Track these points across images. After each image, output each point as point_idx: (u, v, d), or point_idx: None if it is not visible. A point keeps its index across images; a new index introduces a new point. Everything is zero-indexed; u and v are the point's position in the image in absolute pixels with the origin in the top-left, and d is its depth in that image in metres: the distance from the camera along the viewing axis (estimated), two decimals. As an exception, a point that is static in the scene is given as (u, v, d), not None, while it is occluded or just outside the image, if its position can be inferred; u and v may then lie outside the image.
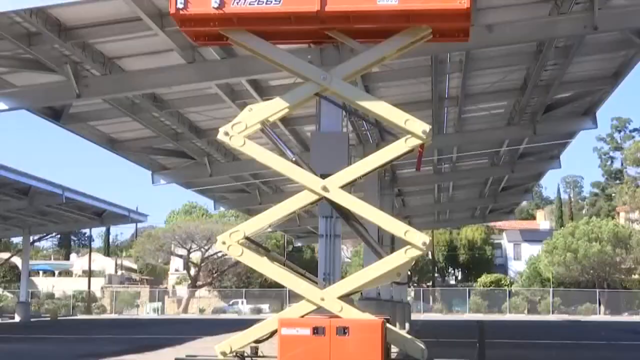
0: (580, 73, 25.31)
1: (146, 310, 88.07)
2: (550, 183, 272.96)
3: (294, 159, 12.11)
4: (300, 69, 12.58)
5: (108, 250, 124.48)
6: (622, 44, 22.17)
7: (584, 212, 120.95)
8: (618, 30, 20.44)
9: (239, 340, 11.20)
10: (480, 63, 22.74)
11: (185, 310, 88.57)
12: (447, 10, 11.90)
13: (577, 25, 18.81)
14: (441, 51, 19.93)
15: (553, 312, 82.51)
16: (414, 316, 57.43)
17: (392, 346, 11.68)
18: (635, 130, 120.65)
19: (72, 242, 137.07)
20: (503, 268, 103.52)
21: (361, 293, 26.67)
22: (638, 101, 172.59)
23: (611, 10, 18.69)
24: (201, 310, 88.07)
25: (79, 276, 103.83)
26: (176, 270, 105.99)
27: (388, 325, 11.45)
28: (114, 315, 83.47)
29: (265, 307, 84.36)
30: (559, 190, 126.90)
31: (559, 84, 24.77)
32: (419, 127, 11.81)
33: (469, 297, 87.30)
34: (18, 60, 18.87)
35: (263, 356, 11.50)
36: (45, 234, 69.03)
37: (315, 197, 11.92)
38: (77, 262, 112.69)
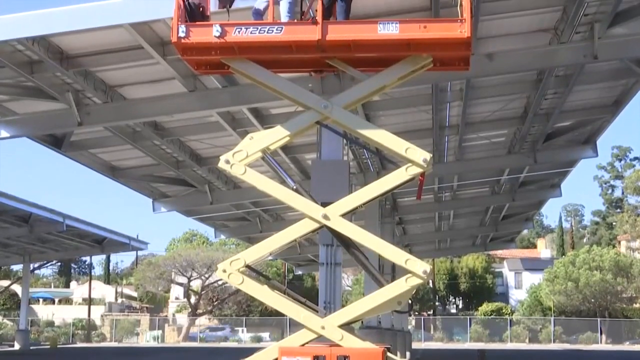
0: (580, 102, 25.36)
1: (146, 339, 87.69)
2: (551, 211, 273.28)
3: (294, 187, 12.12)
4: (301, 97, 12.62)
5: (108, 278, 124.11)
6: (622, 73, 22.22)
7: (585, 240, 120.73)
8: (618, 59, 20.50)
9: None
10: (480, 91, 22.79)
11: (185, 339, 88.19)
12: (448, 39, 11.96)
13: (577, 54, 18.88)
14: (442, 80, 19.98)
15: (554, 341, 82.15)
16: (415, 345, 57.19)
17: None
18: (635, 159, 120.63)
19: (72, 270, 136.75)
20: (504, 297, 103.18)
21: (362, 321, 26.61)
22: (638, 130, 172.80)
23: (611, 39, 18.76)
24: (201, 339, 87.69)
25: (79, 304, 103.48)
26: (176, 298, 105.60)
27: (389, 354, 11.43)
28: (114, 344, 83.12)
29: (265, 335, 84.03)
30: (560, 218, 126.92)
31: (559, 112, 24.81)
32: (419, 155, 11.83)
33: (470, 326, 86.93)
34: (20, 88, 18.92)
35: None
36: (45, 262, 68.83)
37: (315, 225, 11.92)
38: (77, 289, 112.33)
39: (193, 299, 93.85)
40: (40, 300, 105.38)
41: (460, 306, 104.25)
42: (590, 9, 17.82)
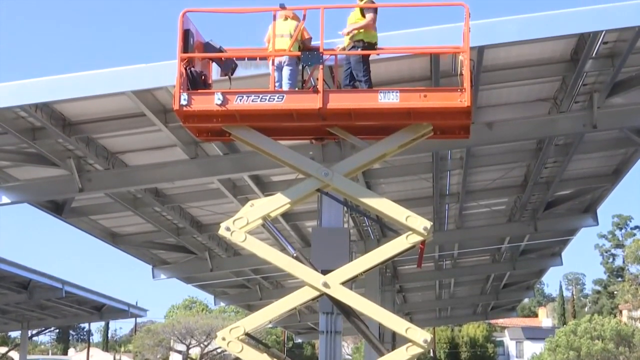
0: (580, 170, 25.42)
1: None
2: (552, 280, 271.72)
3: (295, 254, 12.12)
4: (301, 165, 12.68)
5: (107, 345, 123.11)
6: (622, 142, 22.31)
7: (586, 309, 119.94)
8: (617, 128, 20.60)
9: None
10: (481, 160, 22.85)
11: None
12: (448, 109, 12.06)
13: (576, 123, 19.00)
14: (442, 148, 20.07)
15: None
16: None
17: None
18: (636, 227, 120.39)
19: (70, 337, 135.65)
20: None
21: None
22: (639, 199, 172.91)
23: (610, 109, 18.88)
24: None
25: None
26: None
27: None
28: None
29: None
30: (561, 287, 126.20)
31: (559, 181, 24.85)
32: (420, 223, 11.85)
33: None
34: (21, 154, 18.97)
35: None
36: (43, 328, 68.28)
37: (316, 293, 11.89)
38: (76, 357, 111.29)
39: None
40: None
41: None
42: (589, 78, 17.97)
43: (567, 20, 15.24)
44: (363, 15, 13.39)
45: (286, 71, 13.06)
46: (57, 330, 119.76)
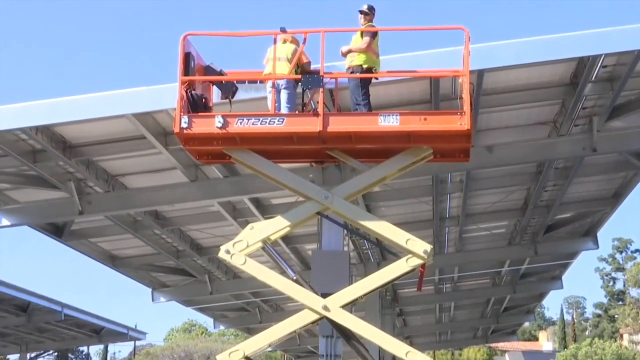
0: (580, 194, 25.42)
1: None
2: (552, 303, 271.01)
3: (294, 277, 12.11)
4: (301, 188, 12.69)
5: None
6: (621, 166, 22.33)
7: (587, 333, 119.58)
8: (617, 152, 20.62)
9: None
10: (480, 183, 22.87)
11: None
12: (448, 132, 12.08)
13: (576, 147, 19.02)
14: (442, 171, 20.09)
15: None
16: None
17: None
18: (636, 251, 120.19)
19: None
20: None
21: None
22: (639, 222, 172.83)
23: (609, 132, 18.91)
24: None
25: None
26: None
27: None
28: None
29: None
30: (561, 311, 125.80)
31: (560, 204, 24.85)
32: (420, 246, 11.85)
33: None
34: (22, 177, 18.98)
35: None
36: (42, 352, 68.05)
37: (315, 317, 11.87)
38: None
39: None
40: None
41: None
42: (589, 102, 18.01)
43: (567, 44, 15.30)
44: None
45: (284, 95, 13.11)
46: (56, 354, 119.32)
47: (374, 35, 13.35)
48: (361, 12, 13.72)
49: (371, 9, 13.74)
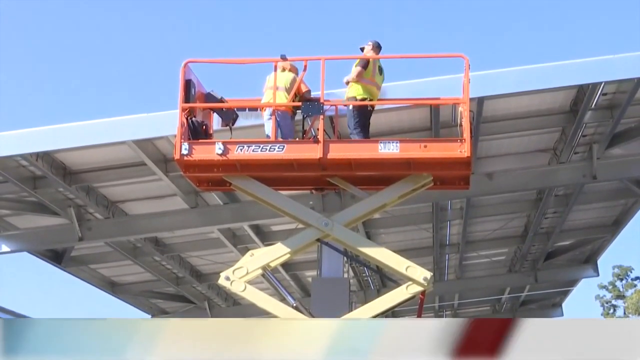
0: (580, 221, 25.40)
1: None
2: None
3: (294, 304, 12.09)
4: (301, 214, 12.69)
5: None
6: (622, 193, 22.31)
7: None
8: (617, 179, 20.62)
9: None
10: (481, 210, 22.86)
11: None
12: (448, 159, 12.09)
13: (576, 174, 19.03)
14: (442, 198, 20.07)
15: None
16: None
17: None
18: (637, 278, 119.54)
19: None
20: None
21: None
22: (639, 249, 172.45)
23: (609, 160, 18.92)
24: None
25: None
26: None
27: None
28: None
29: None
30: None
31: (560, 231, 24.82)
32: (420, 274, 11.83)
33: None
34: (22, 203, 18.98)
35: None
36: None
37: (315, 344, 11.79)
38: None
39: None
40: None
41: None
42: (589, 129, 18.03)
43: (567, 71, 15.34)
44: None
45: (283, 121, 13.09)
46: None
47: (365, 65, 13.28)
48: (362, 49, 13.74)
49: (377, 45, 13.72)
